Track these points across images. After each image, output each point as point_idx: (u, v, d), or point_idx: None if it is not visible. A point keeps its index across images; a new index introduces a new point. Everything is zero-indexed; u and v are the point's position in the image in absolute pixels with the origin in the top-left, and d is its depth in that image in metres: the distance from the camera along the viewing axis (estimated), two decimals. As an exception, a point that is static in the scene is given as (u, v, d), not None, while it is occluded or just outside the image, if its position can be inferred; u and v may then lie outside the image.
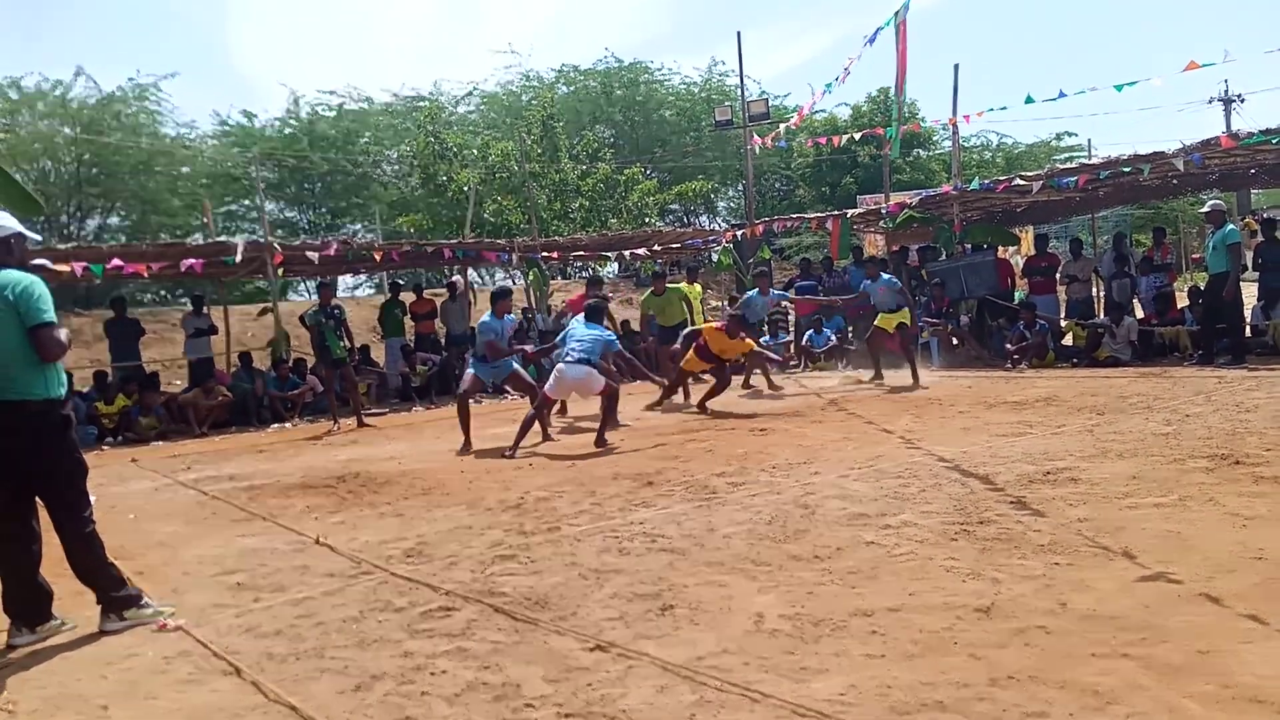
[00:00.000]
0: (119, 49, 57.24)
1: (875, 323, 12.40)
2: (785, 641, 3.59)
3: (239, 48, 61.12)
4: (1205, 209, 12.18)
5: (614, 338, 9.63)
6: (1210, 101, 34.51)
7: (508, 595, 4.41)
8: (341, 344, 12.10)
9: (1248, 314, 12.42)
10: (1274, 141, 11.92)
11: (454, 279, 20.43)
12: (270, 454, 10.38)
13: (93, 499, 4.65)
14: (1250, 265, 13.34)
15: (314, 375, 13.94)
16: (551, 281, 20.03)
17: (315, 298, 14.40)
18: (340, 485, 7.79)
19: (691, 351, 10.98)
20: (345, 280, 25.43)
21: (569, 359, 9.14)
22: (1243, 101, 34.36)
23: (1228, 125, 33.29)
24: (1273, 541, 4.29)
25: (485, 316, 9.90)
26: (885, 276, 12.60)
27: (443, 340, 17.02)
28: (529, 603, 4.28)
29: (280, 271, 15.39)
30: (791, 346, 16.34)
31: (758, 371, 12.57)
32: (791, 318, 17.12)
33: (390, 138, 33.15)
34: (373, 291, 28.02)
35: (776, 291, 13.65)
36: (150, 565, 5.59)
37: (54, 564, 4.50)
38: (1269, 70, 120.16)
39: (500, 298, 9.94)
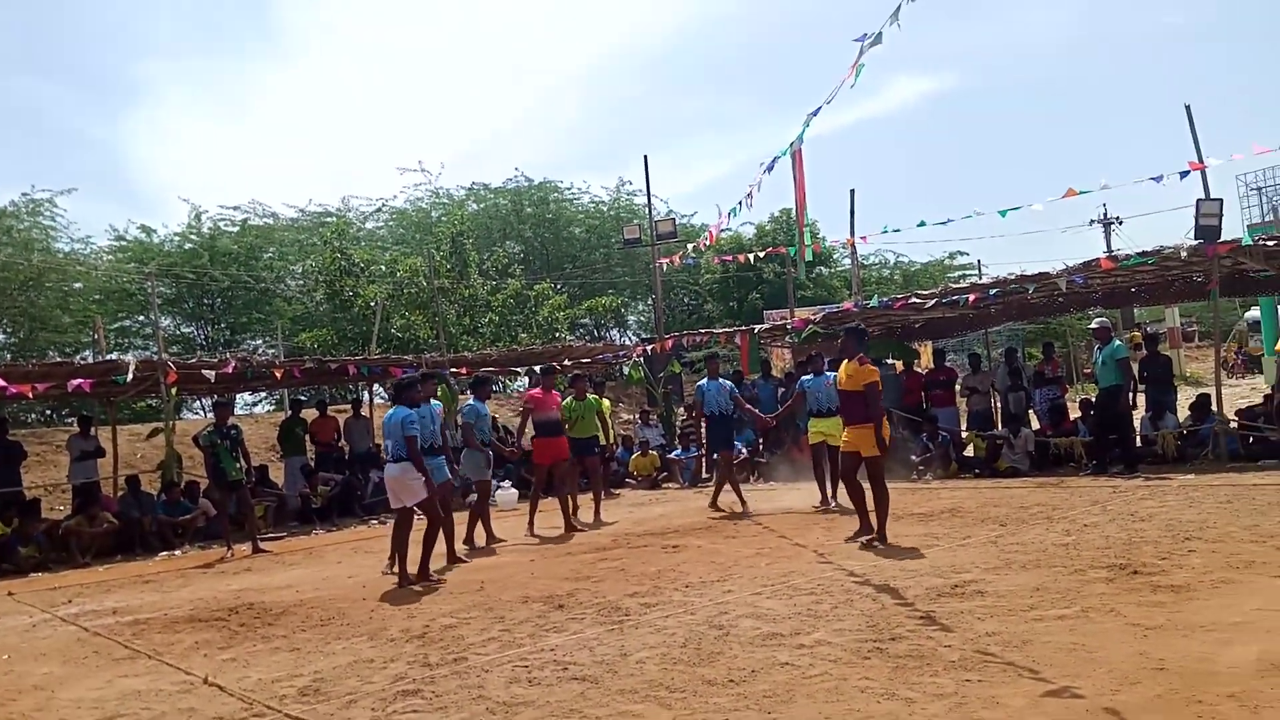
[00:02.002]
0: (14, 166, 56.04)
1: (810, 437, 11.07)
2: (700, 775, 3.47)
3: (139, 164, 60.49)
4: (1093, 325, 12.73)
5: (400, 414, 8.29)
6: (1091, 224, 36.69)
7: (409, 734, 4.18)
8: (237, 465, 11.71)
9: (1137, 425, 12.95)
10: (1150, 263, 12.69)
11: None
12: (157, 585, 9.82)
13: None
14: (1137, 379, 14.00)
15: (207, 499, 13.36)
16: (460, 397, 19.82)
17: (211, 416, 13.92)
18: (232, 618, 7.38)
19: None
20: (244, 397, 24.75)
21: (389, 457, 8.42)
22: (1121, 224, 36.59)
23: (1108, 245, 35.34)
24: (1172, 651, 4.36)
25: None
26: (830, 374, 10.96)
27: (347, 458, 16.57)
28: (432, 742, 4.07)
29: (174, 390, 14.89)
30: (703, 460, 16.34)
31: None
32: (703, 429, 17.13)
33: (295, 253, 32.91)
34: (272, 408, 27.30)
35: (726, 381, 12.12)
36: (23, 711, 5.21)
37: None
38: (1145, 195, 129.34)
39: (404, 389, 8.70)
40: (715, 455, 12.10)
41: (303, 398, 18.85)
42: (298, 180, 67.37)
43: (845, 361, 8.55)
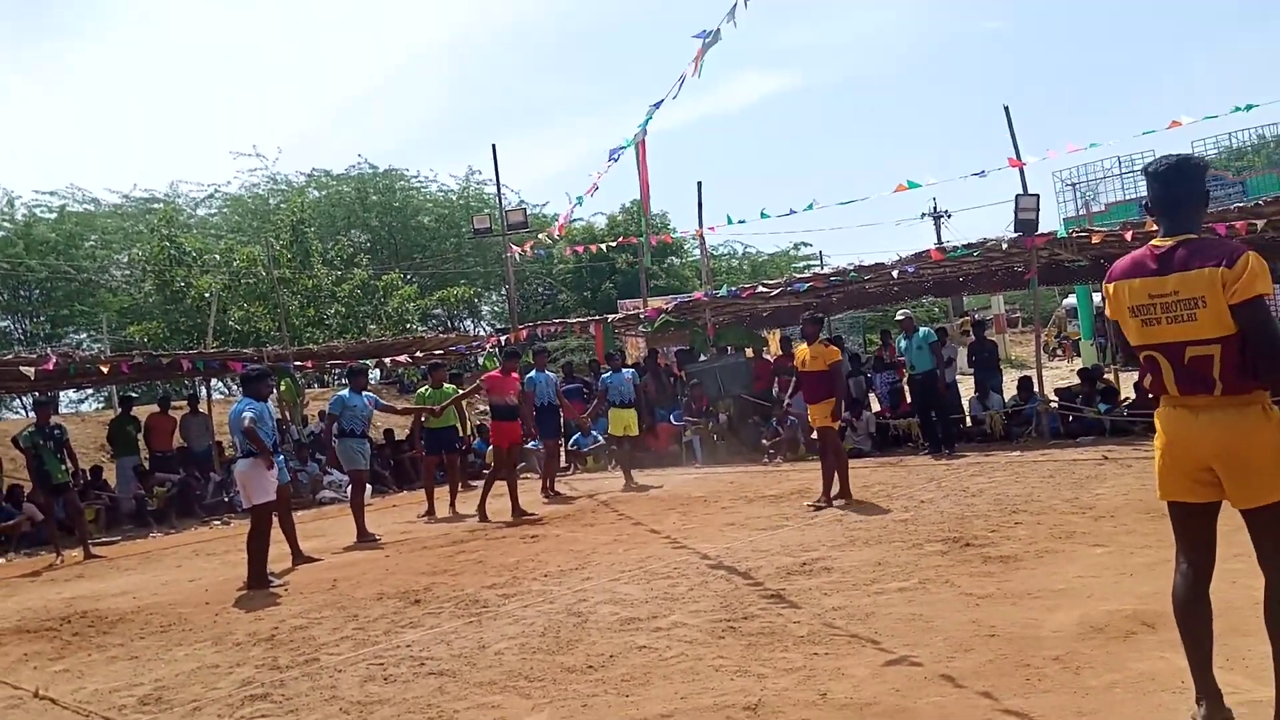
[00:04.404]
0: None
1: (611, 428, 12.96)
2: (561, 761, 3.51)
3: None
4: (899, 317, 13.27)
5: (241, 406, 8.15)
6: (922, 217, 38.74)
7: (261, 739, 4.06)
8: (63, 467, 11.04)
9: (967, 406, 13.73)
10: (975, 254, 13.49)
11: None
12: (-25, 596, 9.14)
13: None
14: (966, 363, 14.81)
15: (31, 503, 12.50)
16: (307, 391, 19.20)
17: (33, 416, 13.02)
18: (64, 627, 6.95)
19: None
20: (69, 394, 23.22)
21: (239, 453, 8.47)
22: (950, 217, 38.70)
23: (938, 238, 37.24)
24: (1002, 619, 4.68)
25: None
26: (627, 370, 13.40)
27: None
28: (285, 745, 3.96)
29: (-10, 388, 13.88)
30: (563, 450, 16.34)
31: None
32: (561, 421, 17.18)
33: (120, 241, 31.04)
34: (101, 406, 25.69)
35: (552, 374, 13.14)
36: None
37: None
38: (971, 190, 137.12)
39: (249, 381, 8.61)
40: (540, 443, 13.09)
41: (133, 395, 17.85)
42: (120, 164, 63.35)
43: (806, 345, 9.24)
